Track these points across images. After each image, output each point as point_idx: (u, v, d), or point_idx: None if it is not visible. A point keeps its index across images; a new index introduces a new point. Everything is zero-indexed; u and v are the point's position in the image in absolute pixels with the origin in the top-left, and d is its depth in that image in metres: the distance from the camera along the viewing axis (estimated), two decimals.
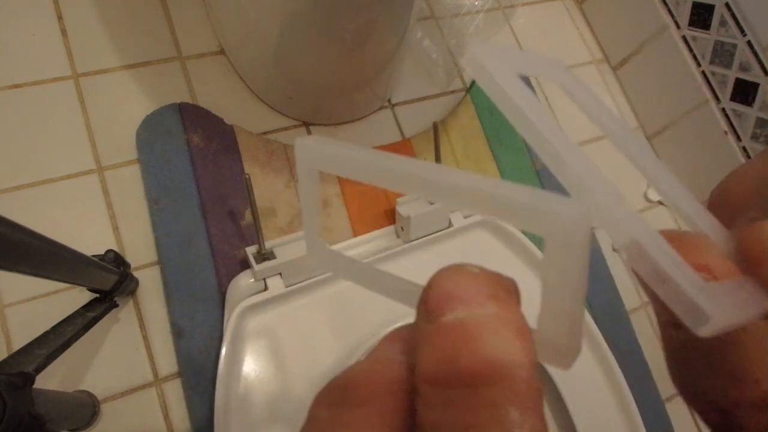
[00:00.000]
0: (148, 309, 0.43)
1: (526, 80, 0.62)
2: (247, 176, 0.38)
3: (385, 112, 0.57)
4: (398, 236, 0.47)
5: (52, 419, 0.31)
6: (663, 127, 0.65)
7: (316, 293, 0.42)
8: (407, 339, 0.11)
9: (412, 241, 0.46)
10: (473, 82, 0.61)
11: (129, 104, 0.48)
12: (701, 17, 0.58)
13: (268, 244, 0.41)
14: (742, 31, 0.54)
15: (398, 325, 0.42)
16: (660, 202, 0.65)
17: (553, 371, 0.45)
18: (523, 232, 0.52)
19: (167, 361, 0.42)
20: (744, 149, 0.57)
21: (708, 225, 0.13)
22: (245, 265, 0.43)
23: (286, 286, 0.42)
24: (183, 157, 0.46)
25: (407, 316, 0.43)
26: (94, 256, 0.37)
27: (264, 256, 0.41)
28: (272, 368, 0.40)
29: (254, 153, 0.48)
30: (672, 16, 0.60)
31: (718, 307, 0.10)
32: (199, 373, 0.41)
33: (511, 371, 0.09)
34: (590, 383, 0.46)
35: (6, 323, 0.40)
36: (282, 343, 0.41)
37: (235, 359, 0.40)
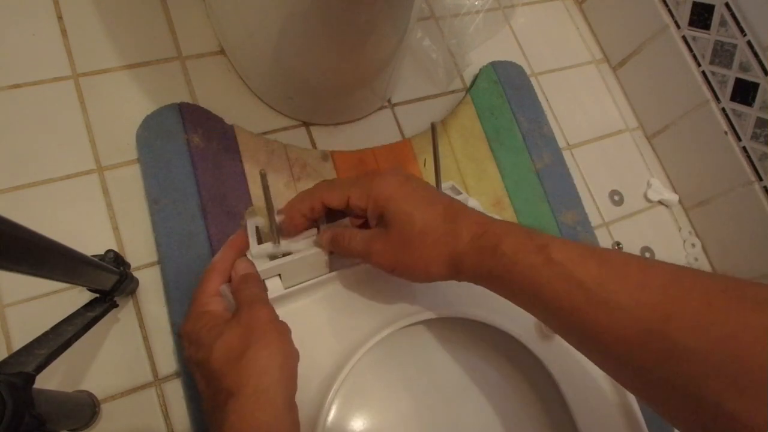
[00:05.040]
0: (148, 309, 0.43)
1: (528, 83, 0.62)
2: (263, 171, 0.36)
3: (385, 112, 0.57)
4: None
5: (52, 419, 0.31)
6: (663, 127, 0.65)
7: (315, 294, 0.42)
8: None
9: None
10: (473, 82, 0.61)
11: (129, 104, 0.48)
12: (701, 17, 0.58)
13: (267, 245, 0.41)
14: (742, 31, 0.54)
15: (395, 328, 0.41)
16: (660, 202, 0.65)
17: (556, 372, 0.45)
18: None
19: (167, 361, 0.42)
20: (744, 149, 0.57)
21: None
22: None
23: (285, 288, 0.42)
24: (183, 157, 0.46)
25: (406, 316, 0.43)
26: (94, 256, 0.37)
27: None
28: None
29: (254, 153, 0.49)
30: (672, 16, 0.61)
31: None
32: None
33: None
34: (592, 383, 0.46)
35: (6, 323, 0.40)
36: None
37: None
